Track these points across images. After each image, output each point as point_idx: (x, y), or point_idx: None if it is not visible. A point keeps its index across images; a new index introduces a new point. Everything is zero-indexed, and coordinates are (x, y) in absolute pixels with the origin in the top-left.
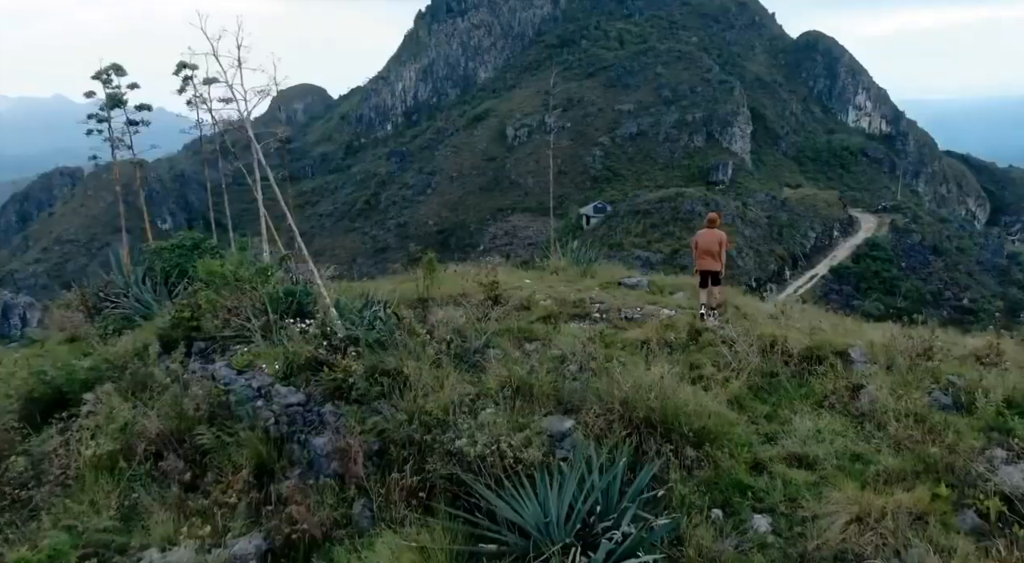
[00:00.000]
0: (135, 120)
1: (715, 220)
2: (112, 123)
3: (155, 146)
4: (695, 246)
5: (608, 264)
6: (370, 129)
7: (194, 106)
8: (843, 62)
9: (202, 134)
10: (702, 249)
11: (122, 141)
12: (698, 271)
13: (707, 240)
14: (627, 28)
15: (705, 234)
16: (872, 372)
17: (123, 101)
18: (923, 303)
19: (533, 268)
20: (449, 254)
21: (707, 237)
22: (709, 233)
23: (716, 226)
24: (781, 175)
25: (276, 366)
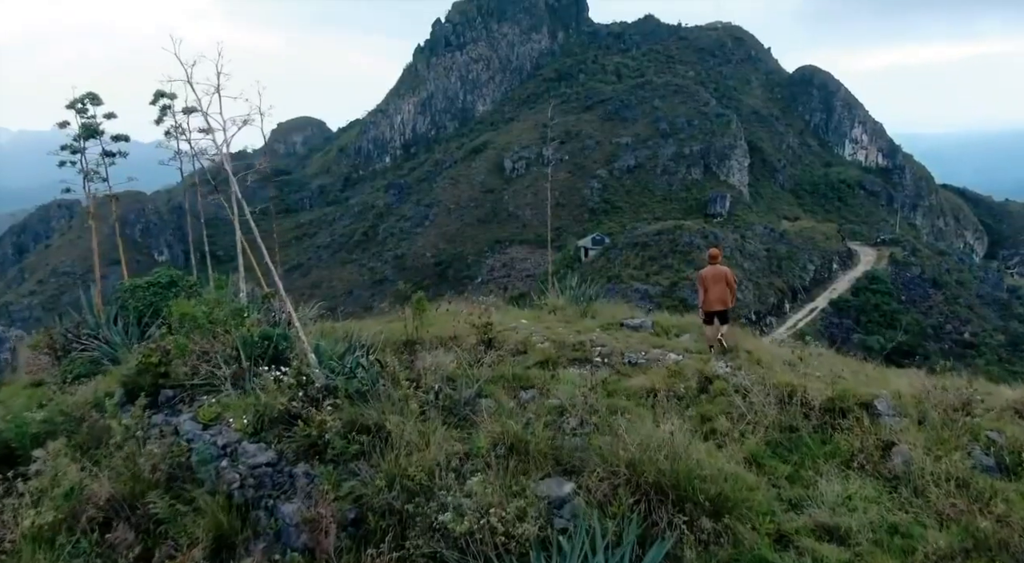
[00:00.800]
0: (111, 151)
1: (716, 256)
2: (88, 154)
3: (132, 178)
4: (702, 285)
5: (609, 303)
6: (368, 161)
7: (173, 137)
8: (839, 96)
9: (181, 166)
10: (710, 288)
11: (96, 173)
12: (708, 311)
13: (715, 277)
14: (624, 62)
15: (711, 272)
16: (903, 427)
17: (99, 131)
18: (924, 337)
19: (530, 306)
20: (447, 286)
21: (714, 274)
22: (715, 270)
23: (718, 261)
24: (779, 208)
25: (245, 420)
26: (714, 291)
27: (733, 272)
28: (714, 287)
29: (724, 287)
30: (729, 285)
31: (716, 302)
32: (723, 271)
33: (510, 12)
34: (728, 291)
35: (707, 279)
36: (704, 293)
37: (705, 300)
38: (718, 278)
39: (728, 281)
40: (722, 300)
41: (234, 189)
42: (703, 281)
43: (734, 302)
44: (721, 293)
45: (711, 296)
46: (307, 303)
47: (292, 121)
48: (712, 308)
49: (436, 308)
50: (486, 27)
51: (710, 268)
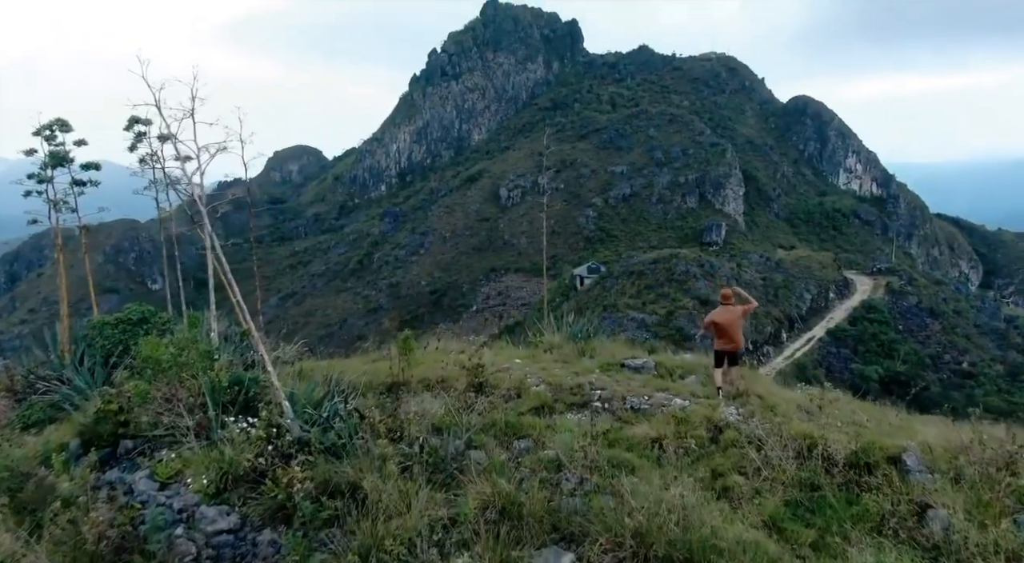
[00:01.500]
0: (81, 180)
1: (729, 296)
2: (60, 183)
3: (104, 209)
4: (714, 328)
5: (608, 341)
6: (364, 190)
7: (147, 165)
8: (832, 126)
9: (157, 195)
10: (723, 330)
11: (65, 203)
12: (719, 352)
13: (726, 319)
14: (619, 92)
15: (722, 313)
16: (937, 487)
17: (68, 159)
18: (922, 366)
19: (525, 343)
20: (442, 315)
21: (726, 316)
22: (726, 311)
23: (731, 302)
24: (774, 236)
25: (205, 479)
26: (727, 333)
27: (749, 307)
28: (727, 329)
29: (737, 329)
30: (740, 323)
31: (730, 344)
32: (736, 312)
33: (506, 42)
34: (740, 330)
35: (720, 322)
36: (717, 336)
37: (718, 342)
38: (731, 320)
39: (741, 317)
40: (735, 342)
41: (206, 221)
42: (714, 323)
43: (742, 340)
44: (734, 335)
45: (724, 338)
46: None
47: (288, 149)
48: (725, 349)
49: (424, 346)
50: (482, 57)
51: (722, 309)
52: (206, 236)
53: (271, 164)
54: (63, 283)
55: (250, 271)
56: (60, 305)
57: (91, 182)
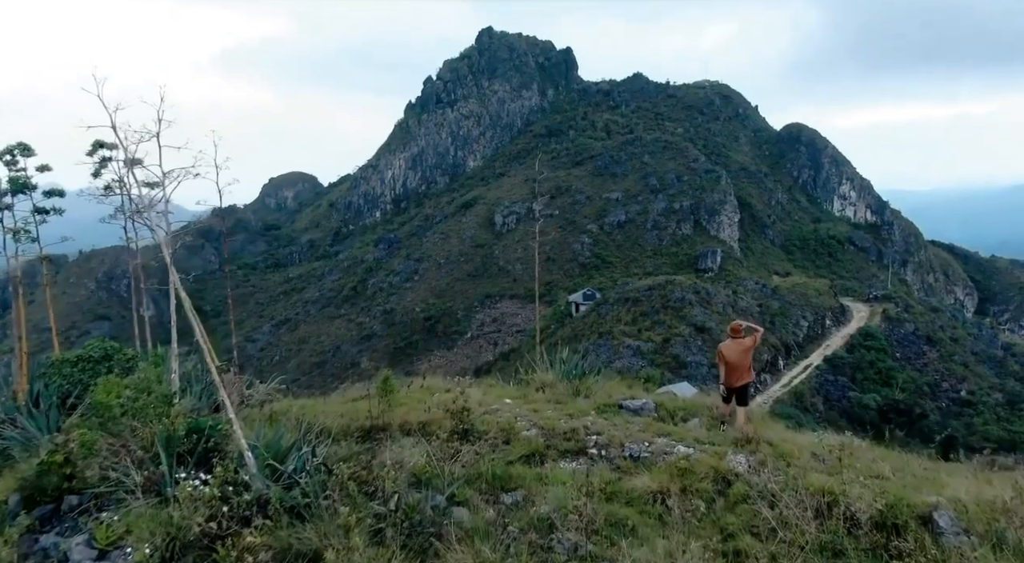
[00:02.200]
0: (43, 208)
1: (739, 330)
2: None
3: (67, 238)
4: (722, 361)
5: (603, 379)
6: (359, 216)
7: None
8: (826, 153)
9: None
10: (731, 364)
11: (27, 232)
12: (728, 387)
13: (735, 353)
14: (613, 119)
15: (732, 347)
16: (978, 554)
17: (29, 185)
18: (920, 394)
19: (516, 380)
20: (436, 341)
21: (734, 349)
22: (735, 344)
23: (740, 335)
24: (769, 263)
25: (148, 548)
26: (736, 368)
27: (757, 336)
28: (735, 364)
29: (747, 364)
30: (749, 357)
31: (739, 379)
32: (746, 345)
33: (500, 70)
34: (750, 364)
35: (730, 358)
36: (726, 370)
37: (726, 377)
38: (740, 354)
39: (749, 352)
40: (744, 376)
41: (169, 253)
42: (724, 357)
43: (751, 375)
44: (743, 370)
45: (733, 373)
46: (284, 365)
47: (284, 176)
48: (734, 384)
49: (408, 384)
50: (477, 85)
51: (732, 342)
52: (170, 269)
53: (266, 190)
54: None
55: (246, 298)
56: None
57: (55, 210)
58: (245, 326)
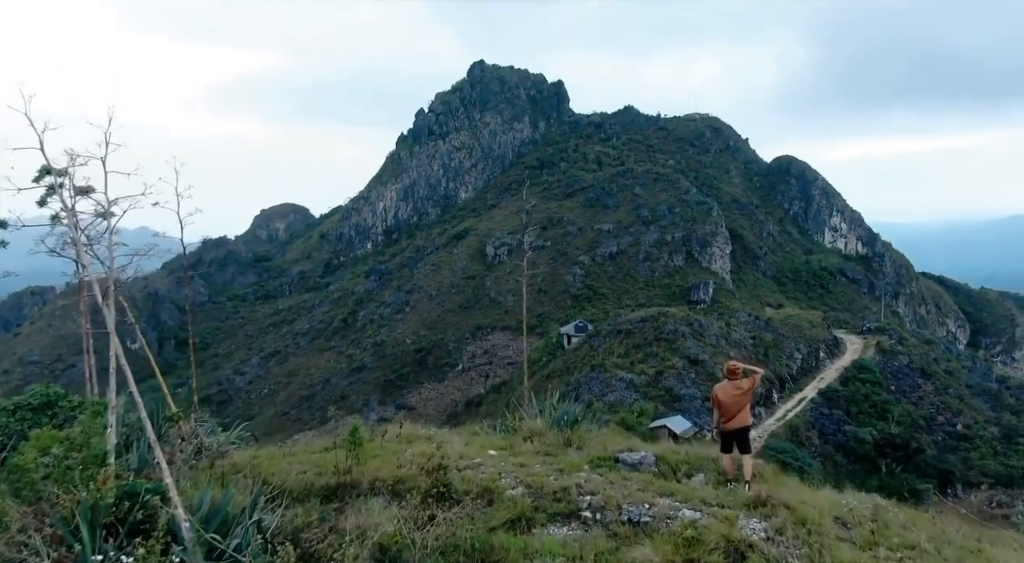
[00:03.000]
0: None
1: (736, 371)
2: None
3: (9, 273)
4: (716, 403)
5: (598, 425)
6: (350, 247)
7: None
8: (817, 185)
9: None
10: (726, 407)
11: None
12: (726, 433)
13: (730, 395)
14: (605, 151)
15: (726, 388)
16: None
17: None
18: (916, 428)
19: (502, 427)
20: (427, 374)
21: (730, 391)
22: (731, 386)
23: (738, 376)
24: (762, 294)
25: None
26: (731, 410)
27: (756, 378)
28: (731, 407)
29: (743, 406)
30: (747, 397)
31: (735, 422)
32: (743, 387)
33: (492, 103)
34: (747, 405)
35: (725, 400)
36: (720, 413)
37: (723, 420)
38: (737, 395)
39: (750, 389)
40: (741, 420)
41: (111, 290)
42: (717, 399)
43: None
44: (740, 412)
45: (728, 416)
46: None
47: (275, 208)
48: (730, 429)
49: (382, 434)
50: (468, 117)
51: (728, 384)
52: (107, 310)
53: (258, 222)
54: None
55: (236, 330)
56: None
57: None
58: (234, 358)
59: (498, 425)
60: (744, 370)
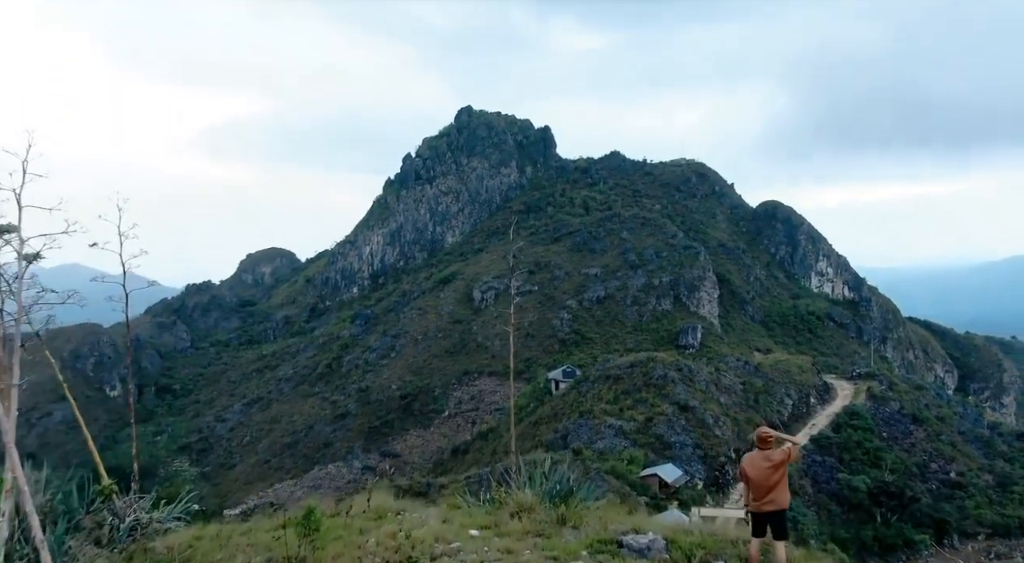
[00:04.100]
0: None
1: (768, 439)
2: None
3: None
4: (745, 478)
5: (595, 499)
6: (336, 292)
7: None
8: (802, 230)
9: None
10: (756, 483)
11: None
12: (756, 515)
13: (760, 469)
14: (592, 196)
15: (755, 460)
16: None
17: None
18: (909, 476)
19: (487, 501)
20: (412, 420)
21: (759, 464)
22: (761, 457)
23: (770, 446)
24: (750, 339)
25: None
26: (762, 488)
27: (793, 450)
28: (761, 483)
29: (777, 483)
30: (782, 474)
31: (768, 502)
32: (775, 459)
33: (479, 148)
34: (782, 482)
35: (752, 472)
36: (752, 488)
37: (752, 498)
38: (768, 470)
39: (782, 469)
40: (776, 500)
41: (16, 339)
42: (745, 473)
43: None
44: (773, 490)
45: (758, 494)
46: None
47: (261, 252)
48: (762, 510)
49: (347, 511)
50: (456, 161)
51: (757, 455)
52: (11, 361)
53: (243, 266)
54: None
55: (218, 375)
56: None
57: None
58: (216, 405)
59: (482, 494)
60: (778, 439)
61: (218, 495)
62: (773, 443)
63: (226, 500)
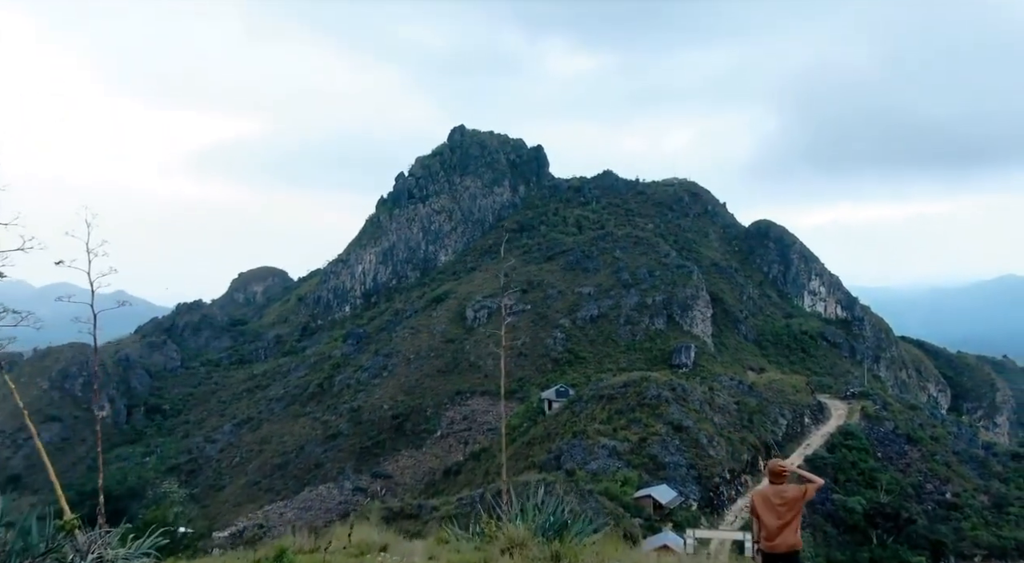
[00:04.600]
0: None
1: (781, 473)
2: None
3: None
4: (755, 514)
5: (591, 532)
6: (328, 311)
7: None
8: (795, 249)
9: None
10: (766, 521)
11: None
12: (766, 552)
13: (771, 505)
14: (585, 215)
15: (767, 496)
16: None
17: None
18: (905, 497)
19: (477, 531)
20: (404, 440)
21: (771, 500)
22: (774, 493)
23: (783, 480)
24: (744, 358)
25: None
26: (772, 526)
27: (810, 488)
28: (778, 519)
29: (790, 522)
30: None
31: (782, 543)
32: (788, 496)
33: (472, 167)
34: (797, 519)
35: (762, 510)
36: (762, 526)
37: (764, 538)
38: (779, 507)
39: (799, 500)
40: (787, 540)
41: None
42: (755, 510)
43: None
44: (785, 529)
45: (769, 532)
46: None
47: (253, 271)
48: (773, 551)
49: (325, 546)
50: (449, 180)
51: (769, 490)
52: None
53: (235, 285)
54: None
55: (208, 396)
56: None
57: None
58: (205, 426)
59: (472, 525)
60: (794, 474)
61: (207, 517)
62: (786, 476)
63: (215, 522)
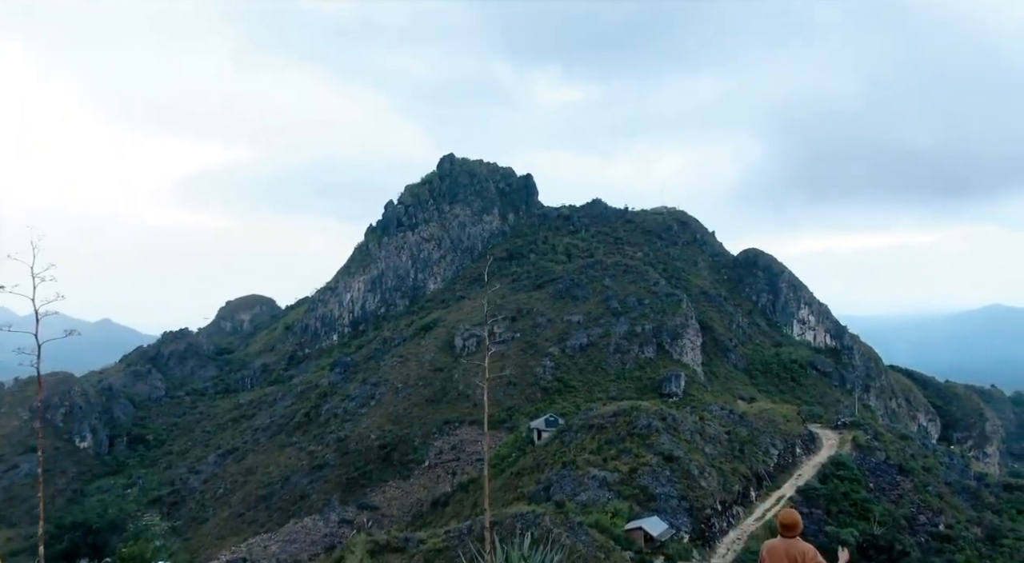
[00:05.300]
0: None
1: (793, 528)
2: None
3: None
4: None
5: None
6: (315, 339)
7: None
8: (784, 277)
9: None
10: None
11: None
12: None
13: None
14: (574, 243)
15: (778, 550)
16: None
17: None
18: (898, 528)
19: None
20: (392, 471)
21: (780, 558)
22: (786, 547)
23: (795, 534)
24: (734, 387)
25: None
26: None
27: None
28: None
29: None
30: None
31: None
32: (797, 550)
33: (462, 195)
34: None
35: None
36: None
37: None
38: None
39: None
40: None
41: None
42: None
43: None
44: None
45: None
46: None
47: (241, 299)
48: None
49: None
50: (438, 209)
51: (780, 544)
52: None
53: (222, 313)
54: None
55: (190, 426)
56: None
57: None
58: (189, 456)
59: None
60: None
61: (189, 551)
62: (799, 531)
63: (197, 556)
